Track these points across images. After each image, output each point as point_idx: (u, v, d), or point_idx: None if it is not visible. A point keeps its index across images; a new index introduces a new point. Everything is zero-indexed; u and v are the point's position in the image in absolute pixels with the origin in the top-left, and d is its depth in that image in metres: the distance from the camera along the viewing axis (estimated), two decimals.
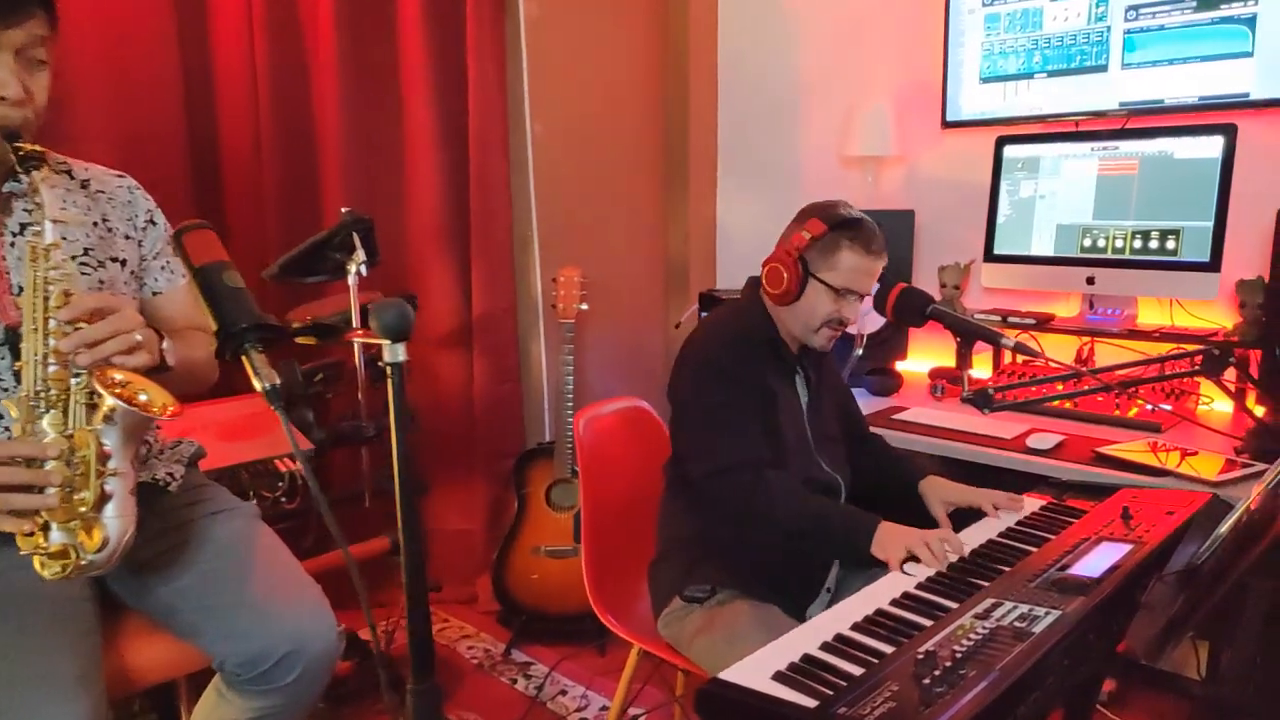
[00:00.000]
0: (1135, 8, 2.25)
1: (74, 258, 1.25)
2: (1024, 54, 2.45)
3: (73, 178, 1.39)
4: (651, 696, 2.37)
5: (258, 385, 0.95)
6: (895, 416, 2.19)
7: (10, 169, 1.24)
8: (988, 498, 1.63)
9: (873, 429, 2.03)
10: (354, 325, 2.03)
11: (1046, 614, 1.17)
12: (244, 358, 0.98)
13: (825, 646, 1.17)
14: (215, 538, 1.35)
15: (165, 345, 1.22)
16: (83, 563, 1.13)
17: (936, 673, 1.04)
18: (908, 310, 1.60)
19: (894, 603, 1.30)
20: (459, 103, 2.79)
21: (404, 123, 2.84)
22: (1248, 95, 2.12)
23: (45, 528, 1.12)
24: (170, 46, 2.65)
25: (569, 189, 3.02)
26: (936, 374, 2.49)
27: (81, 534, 1.13)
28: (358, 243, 1.99)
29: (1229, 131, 2.07)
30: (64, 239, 1.18)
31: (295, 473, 1.79)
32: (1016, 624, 1.16)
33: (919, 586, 1.35)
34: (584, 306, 2.82)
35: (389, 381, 1.06)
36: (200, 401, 1.94)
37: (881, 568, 1.70)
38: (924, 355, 2.71)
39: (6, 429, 1.23)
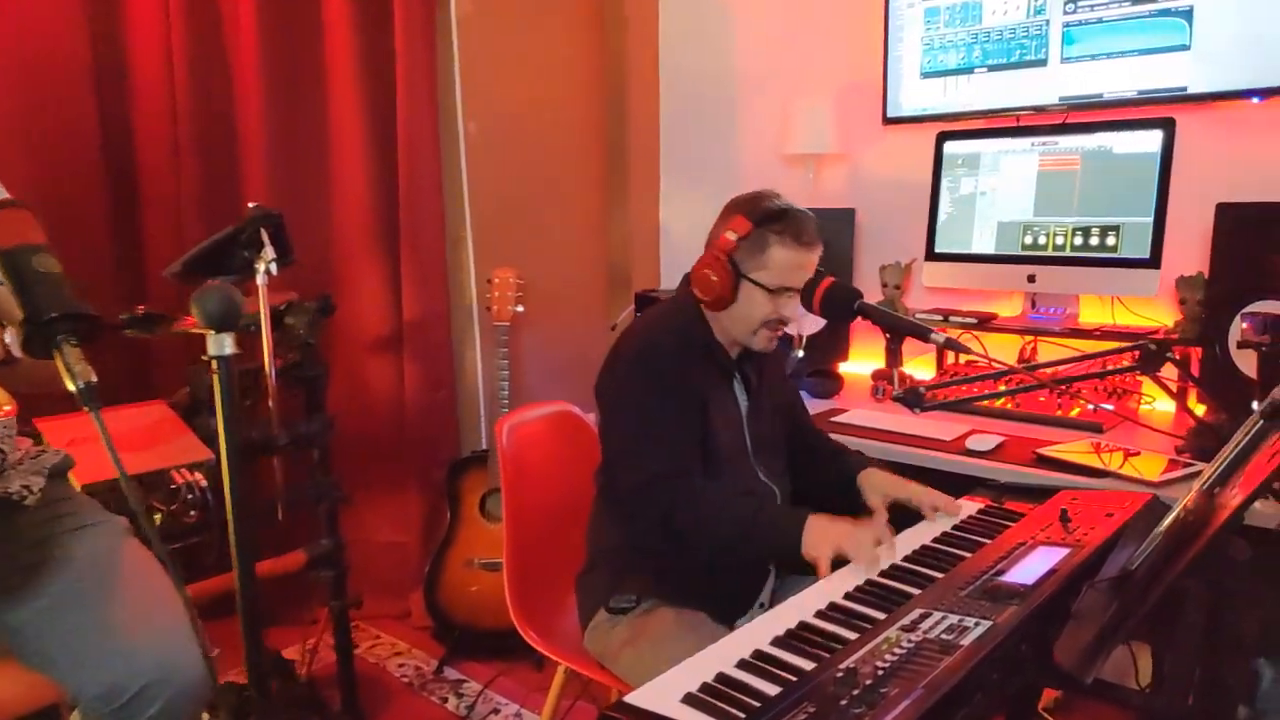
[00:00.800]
0: (1074, 1, 2.21)
1: None
2: (964, 48, 2.41)
3: None
4: (586, 713, 2.28)
5: (70, 384, 0.85)
6: (835, 419, 2.12)
7: None
8: (926, 496, 1.55)
9: None
10: (264, 328, 1.92)
11: (976, 624, 1.10)
12: (56, 352, 0.86)
13: (742, 664, 1.09)
14: (74, 556, 1.23)
15: (8, 339, 1.10)
16: None
17: (856, 692, 0.96)
18: (835, 306, 1.53)
19: (819, 614, 1.22)
20: (388, 99, 2.68)
21: (330, 119, 2.73)
22: (1185, 89, 2.09)
23: None
24: (80, 38, 2.52)
25: (504, 188, 2.92)
26: (878, 375, 2.43)
27: None
28: (266, 239, 1.86)
29: (1168, 126, 2.04)
30: None
31: (194, 484, 1.67)
32: (944, 636, 1.08)
33: (847, 596, 1.27)
34: (519, 309, 2.72)
35: (215, 379, 0.95)
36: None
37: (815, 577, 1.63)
38: (867, 357, 2.65)
39: None
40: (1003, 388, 2.12)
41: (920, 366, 2.57)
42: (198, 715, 1.21)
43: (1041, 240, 2.23)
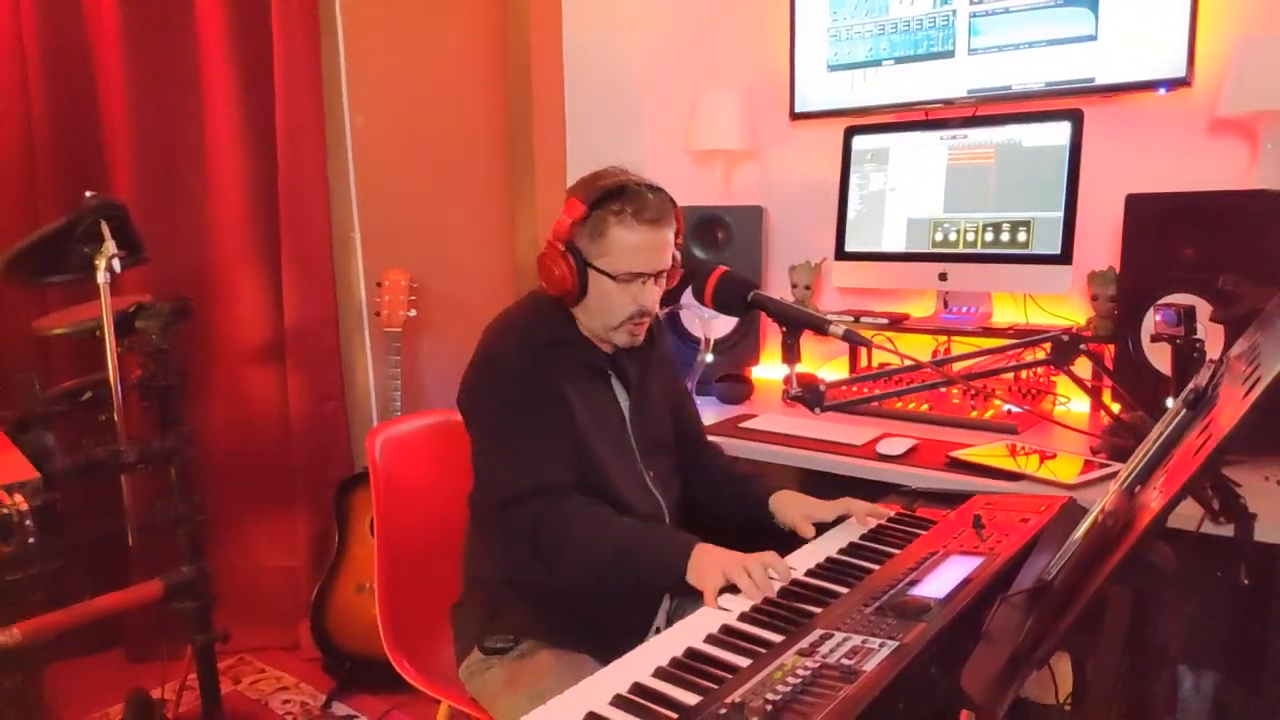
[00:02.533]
0: None
1: None
2: (871, 40, 2.33)
3: None
4: None
5: None
6: (743, 425, 2.00)
7: None
8: (855, 507, 1.44)
9: (719, 438, 1.83)
10: (107, 332, 1.72)
11: (881, 646, 0.98)
12: None
13: (618, 700, 0.95)
14: None
15: None
16: None
17: None
18: (727, 297, 1.40)
19: (710, 639, 1.09)
20: (266, 88, 2.49)
21: (204, 109, 2.52)
22: (1093, 80, 2.04)
23: None
24: None
25: (397, 186, 2.75)
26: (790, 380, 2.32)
27: None
28: (107, 233, 1.67)
29: (1075, 118, 1.99)
30: None
31: (13, 510, 1.46)
32: (845, 660, 0.96)
33: (742, 618, 1.14)
34: (412, 313, 2.55)
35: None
36: None
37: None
38: (779, 360, 2.54)
39: None
40: (913, 385, 2.03)
41: (835, 369, 2.48)
42: None
43: (952, 237, 2.15)
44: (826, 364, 2.52)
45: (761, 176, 2.67)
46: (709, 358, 2.28)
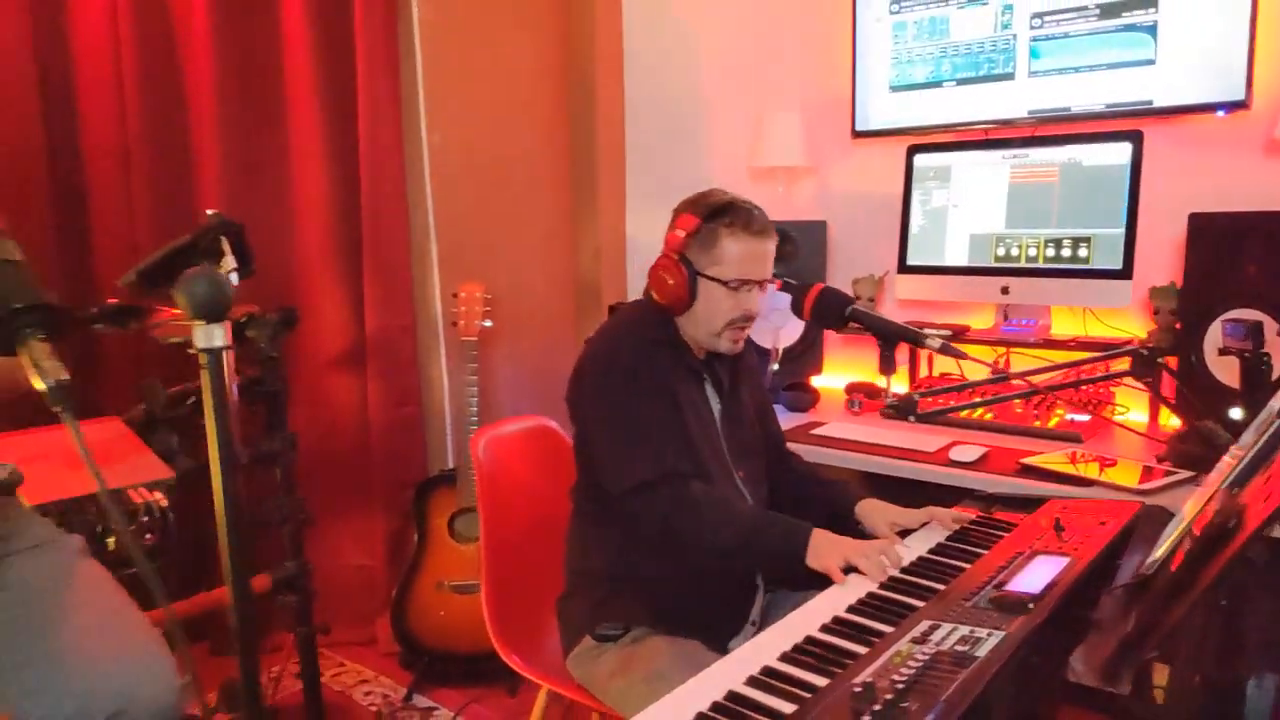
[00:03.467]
0: (1040, 15, 2.24)
1: None
2: (932, 62, 2.42)
3: None
4: None
5: (38, 383, 0.77)
6: (814, 431, 2.10)
7: None
8: (939, 515, 1.54)
9: (792, 445, 1.92)
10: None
11: (989, 635, 1.08)
12: (21, 348, 0.79)
13: (752, 681, 1.05)
14: (22, 579, 1.15)
15: None
16: None
17: (876, 707, 0.92)
18: (827, 312, 1.50)
19: (824, 629, 1.18)
20: (348, 109, 2.62)
21: (289, 129, 2.64)
22: (1152, 102, 2.12)
23: None
24: (23, 43, 2.40)
25: (470, 202, 2.87)
26: (853, 389, 2.42)
27: None
28: (227, 248, 1.79)
29: (1135, 138, 2.06)
30: None
31: (154, 504, 1.58)
32: (958, 648, 1.05)
33: (850, 610, 1.24)
34: (488, 324, 2.66)
35: (206, 374, 0.88)
36: (46, 426, 1.72)
37: (811, 592, 1.59)
38: (840, 370, 2.64)
39: None
40: (978, 396, 2.12)
41: (896, 379, 2.56)
42: None
43: (1014, 252, 2.24)
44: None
45: (821, 192, 2.76)
46: (775, 367, 2.38)
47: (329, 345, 2.71)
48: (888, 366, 1.52)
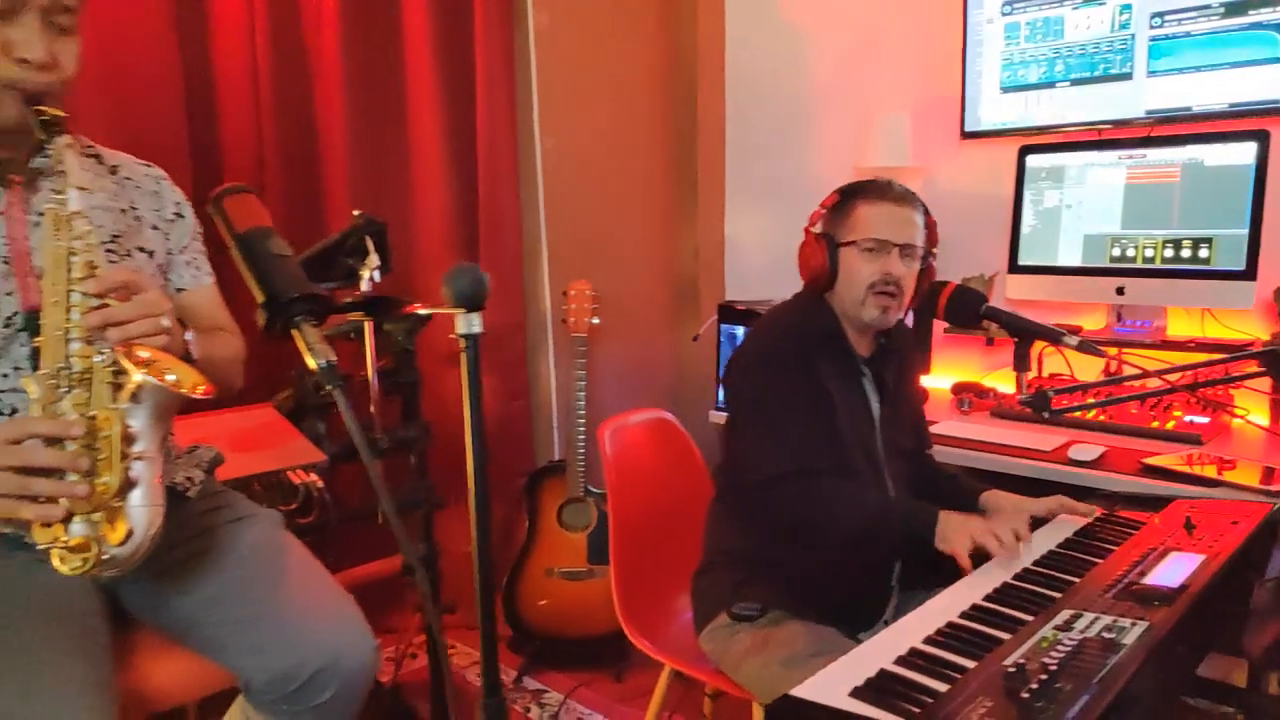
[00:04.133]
0: (1160, 15, 2.23)
1: (101, 244, 1.16)
2: (1045, 63, 2.42)
3: (101, 162, 1.32)
4: None
5: (311, 362, 0.87)
6: (931, 430, 2.12)
7: (37, 141, 1.16)
8: (1061, 504, 1.56)
9: None
10: (368, 335, 1.95)
11: (1133, 625, 1.11)
12: (295, 332, 0.89)
13: (900, 661, 1.10)
14: (238, 546, 1.26)
15: (189, 337, 1.14)
16: (105, 556, 1.02)
17: (1033, 686, 0.96)
18: (961, 310, 1.54)
19: (964, 615, 1.22)
20: (467, 114, 2.73)
21: (410, 133, 2.78)
22: (1278, 102, 2.09)
23: (66, 518, 1.02)
24: (170, 49, 2.57)
25: (578, 203, 2.96)
26: (960, 388, 2.43)
27: (104, 525, 1.03)
28: (371, 247, 1.91)
29: (1262, 138, 2.04)
30: (93, 222, 1.10)
31: (310, 485, 1.70)
32: (1105, 635, 1.09)
33: (987, 598, 1.27)
34: (595, 320, 2.75)
35: (463, 356, 0.97)
36: (208, 410, 1.86)
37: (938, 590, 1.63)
38: (945, 370, 2.65)
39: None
40: (1091, 398, 2.12)
41: (997, 379, 2.57)
42: (361, 703, 1.23)
43: (1130, 252, 2.23)
44: (990, 374, 2.61)
45: (927, 191, 2.75)
46: None
47: (446, 340, 2.82)
48: (1022, 365, 1.54)
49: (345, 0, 2.65)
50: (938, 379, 2.62)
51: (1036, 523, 1.56)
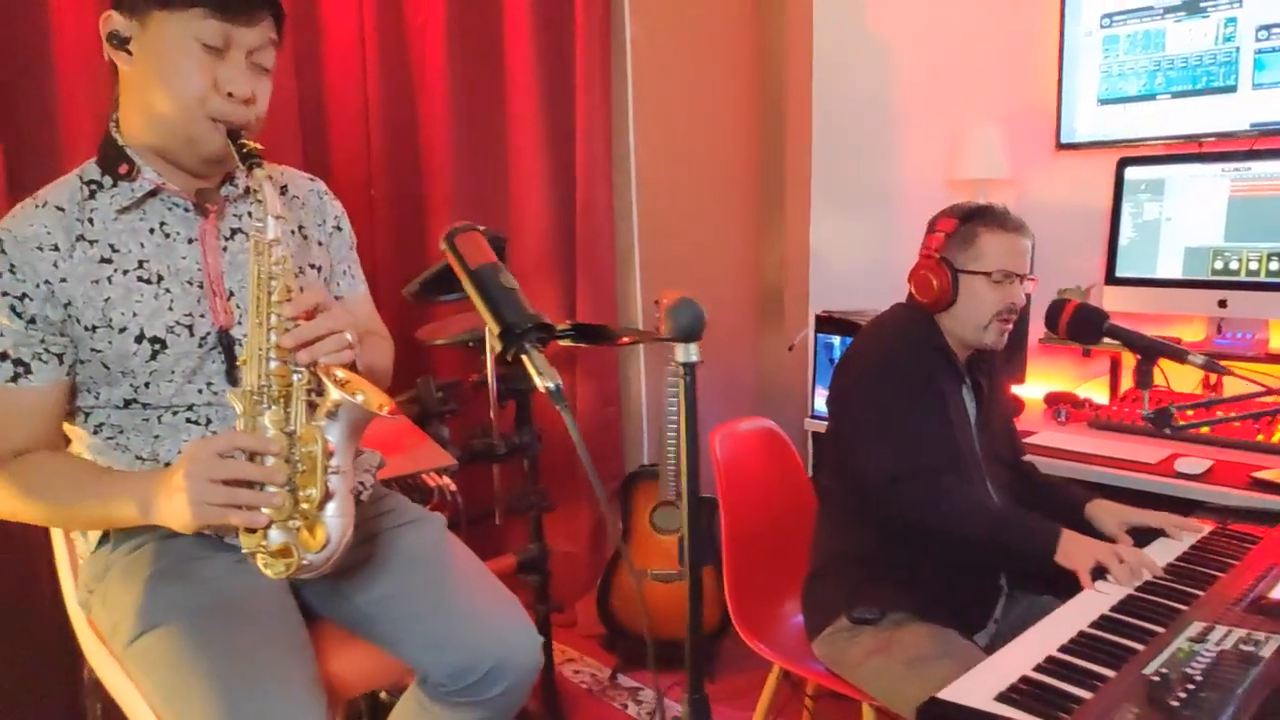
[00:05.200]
0: (1267, 28, 2.22)
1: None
2: (1145, 75, 2.43)
3: (271, 181, 1.42)
4: None
5: (540, 385, 0.95)
6: (1027, 441, 2.14)
7: (228, 172, 1.27)
8: (1167, 519, 1.59)
9: None
10: (488, 343, 2.05)
11: (1268, 639, 1.14)
12: (524, 357, 0.97)
13: (1040, 669, 1.15)
14: (410, 546, 1.34)
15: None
16: (304, 562, 1.12)
17: (1181, 695, 1.01)
18: (1083, 328, 1.58)
19: (1095, 625, 1.27)
20: (566, 128, 2.82)
21: (510, 148, 2.87)
22: None
23: (266, 526, 1.12)
24: (286, 72, 2.70)
25: (669, 213, 3.03)
26: (1054, 399, 2.45)
27: (303, 532, 1.13)
28: None
29: None
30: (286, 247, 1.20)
31: (443, 488, 1.80)
32: (1241, 648, 1.12)
33: (1114, 609, 1.31)
34: None
35: (680, 383, 1.04)
36: None
37: (1046, 596, 1.66)
38: (1038, 379, 2.66)
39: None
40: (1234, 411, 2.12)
41: (1091, 389, 2.58)
42: (527, 697, 1.31)
43: (1234, 265, 2.23)
44: (1083, 384, 2.63)
45: (1019, 203, 2.79)
46: None
47: (552, 345, 2.92)
48: (1144, 381, 1.57)
49: (450, 19, 2.75)
50: (1030, 388, 2.64)
51: (1141, 536, 1.59)
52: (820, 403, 2.69)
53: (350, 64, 2.82)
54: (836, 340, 2.64)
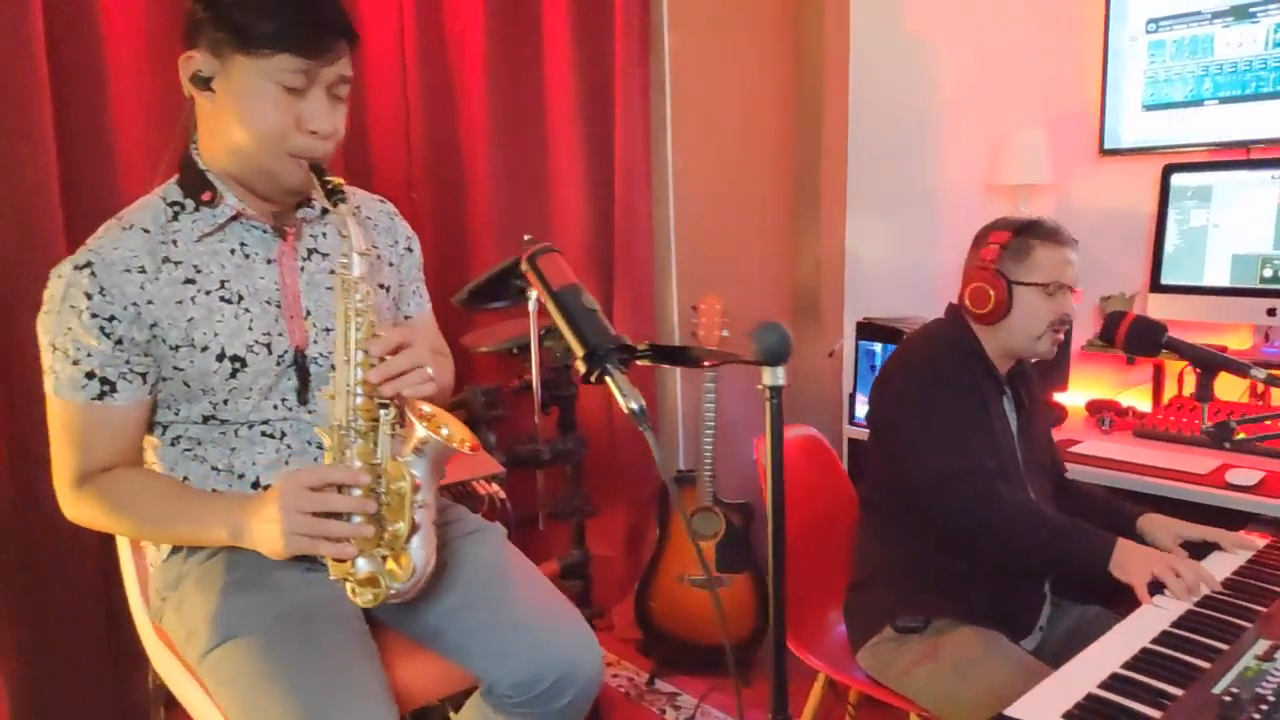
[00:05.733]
0: None
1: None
2: (1193, 81, 2.41)
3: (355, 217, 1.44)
4: None
5: (624, 406, 0.96)
6: (1072, 450, 2.13)
7: (306, 198, 1.29)
8: (1223, 534, 1.58)
9: None
10: (534, 351, 2.06)
11: None
12: (608, 379, 0.98)
13: (1106, 685, 1.14)
14: (475, 558, 1.36)
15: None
16: (390, 591, 1.16)
17: (1254, 716, 1.00)
18: (1141, 340, 1.57)
19: (1157, 641, 1.26)
20: (605, 136, 2.83)
21: (549, 156, 2.88)
22: None
23: (354, 556, 1.15)
24: None
25: (706, 218, 3.04)
26: (1096, 406, 2.44)
27: (390, 563, 1.16)
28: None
29: None
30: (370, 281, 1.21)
31: (493, 495, 1.81)
32: None
33: (1175, 625, 1.31)
34: (726, 334, 2.81)
35: (767, 406, 1.05)
36: None
37: (1092, 606, 1.66)
38: (1078, 386, 2.65)
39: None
40: None
41: (1133, 396, 2.56)
42: (590, 708, 1.32)
43: None
44: (1124, 391, 2.60)
45: (1060, 208, 2.77)
46: None
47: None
48: (1204, 395, 1.56)
49: (490, 24, 2.77)
50: (1071, 395, 2.62)
51: (1194, 549, 1.58)
52: (861, 410, 2.68)
53: (390, 68, 2.83)
54: (878, 348, 2.64)
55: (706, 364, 1.07)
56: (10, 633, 1.80)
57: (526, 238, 2.09)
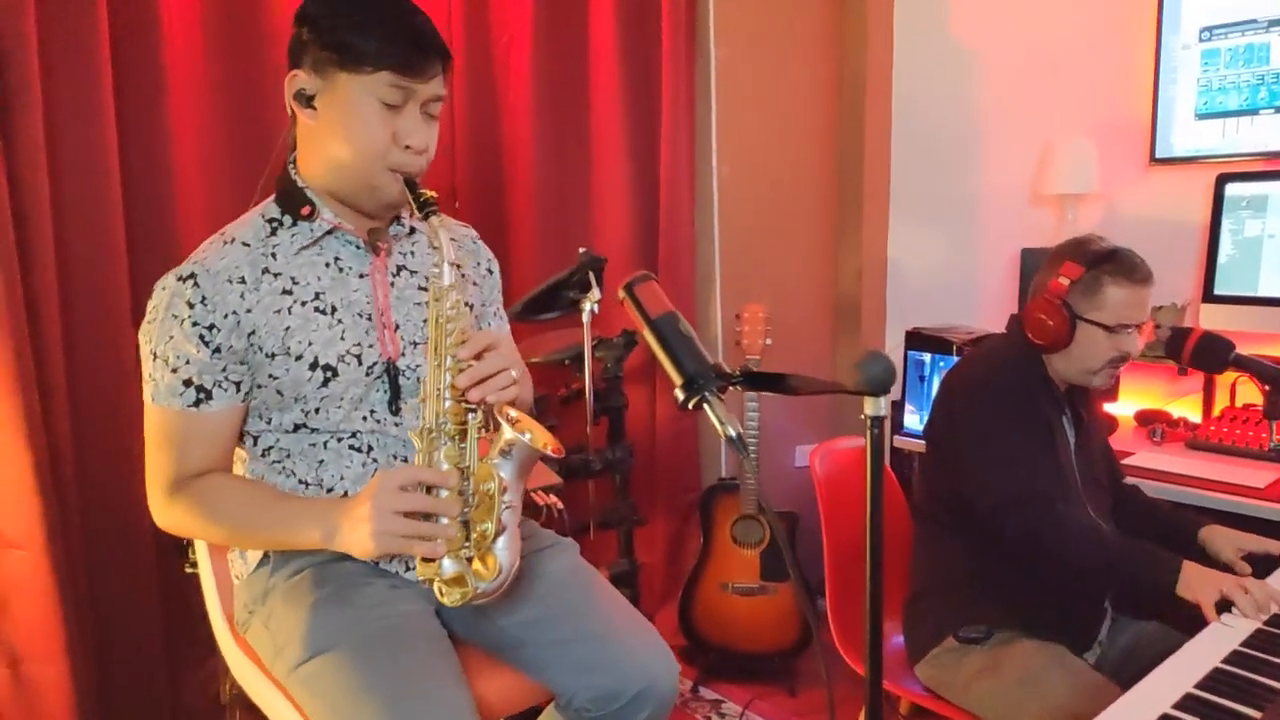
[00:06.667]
0: None
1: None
2: (1247, 90, 2.39)
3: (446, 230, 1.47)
4: None
5: (722, 433, 0.97)
6: (1125, 462, 2.12)
7: (396, 214, 1.32)
8: None
9: None
10: (587, 362, 2.08)
11: None
12: (706, 406, 1.00)
13: (1180, 706, 1.14)
14: (551, 572, 1.38)
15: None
16: (478, 590, 1.18)
17: None
18: (1208, 358, 1.56)
19: (1228, 661, 1.25)
20: (651, 146, 2.85)
21: (594, 165, 2.89)
22: None
23: (442, 555, 1.17)
24: None
25: (750, 227, 3.05)
26: (1146, 417, 2.42)
27: (477, 563, 1.18)
28: (594, 281, 2.04)
29: None
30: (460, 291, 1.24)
31: (551, 506, 1.83)
32: None
33: (1245, 644, 1.30)
34: (768, 342, 2.82)
35: (868, 434, 1.04)
36: None
37: (1151, 621, 1.65)
38: (1127, 396, 2.63)
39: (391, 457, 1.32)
40: None
41: (1182, 406, 2.54)
42: None
43: None
44: (1173, 401, 2.59)
45: (1108, 218, 2.76)
46: None
47: (626, 362, 2.95)
48: (1274, 411, 1.55)
49: (537, 34, 2.79)
50: (1120, 405, 2.61)
51: (1254, 562, 1.58)
52: (909, 420, 2.68)
53: None
54: (927, 357, 2.63)
55: (804, 393, 1.07)
56: (80, 640, 1.84)
57: (582, 250, 2.13)
